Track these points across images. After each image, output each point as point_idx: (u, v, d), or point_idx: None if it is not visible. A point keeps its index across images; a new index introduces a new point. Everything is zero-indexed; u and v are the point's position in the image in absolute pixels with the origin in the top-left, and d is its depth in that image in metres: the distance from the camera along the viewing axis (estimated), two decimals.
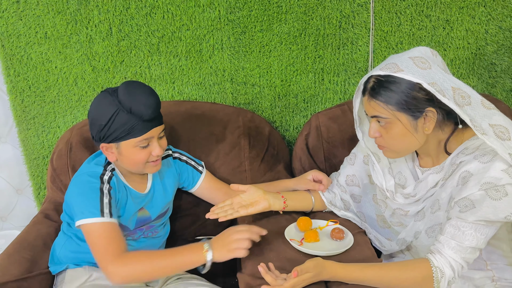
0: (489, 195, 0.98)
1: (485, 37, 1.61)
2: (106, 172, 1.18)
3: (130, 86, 1.13)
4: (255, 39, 1.60)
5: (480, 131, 1.01)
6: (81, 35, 1.57)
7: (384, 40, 1.60)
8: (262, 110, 1.69)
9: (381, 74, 1.04)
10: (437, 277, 1.01)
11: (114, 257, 1.07)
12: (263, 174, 1.54)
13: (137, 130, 1.12)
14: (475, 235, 1.01)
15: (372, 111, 1.08)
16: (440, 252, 1.03)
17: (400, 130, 1.06)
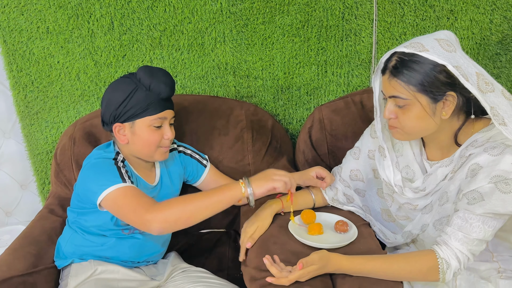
0: (499, 188, 0.97)
1: (490, 27, 1.59)
2: (119, 157, 1.19)
3: (148, 67, 1.19)
4: (258, 31, 1.59)
5: (499, 120, 0.99)
6: (83, 30, 1.56)
7: (387, 31, 1.59)
8: (265, 103, 1.68)
9: (406, 51, 1.02)
10: (443, 269, 1.01)
11: (148, 206, 1.05)
12: (266, 167, 1.53)
13: (154, 107, 1.16)
14: (482, 227, 1.00)
15: (392, 91, 1.05)
16: (447, 243, 1.02)
17: (418, 112, 1.04)
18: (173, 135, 1.23)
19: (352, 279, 1.06)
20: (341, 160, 1.52)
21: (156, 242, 1.29)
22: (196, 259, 1.44)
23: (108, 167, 1.14)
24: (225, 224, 1.59)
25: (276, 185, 1.09)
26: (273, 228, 1.27)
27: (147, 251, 1.28)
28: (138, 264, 1.29)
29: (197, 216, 1.07)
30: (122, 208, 1.08)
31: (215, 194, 1.08)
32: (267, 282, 1.07)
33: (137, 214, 1.06)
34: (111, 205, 1.10)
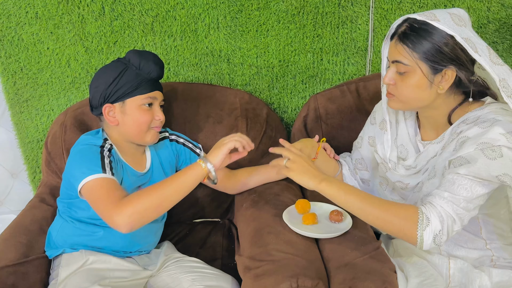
0: (485, 154, 0.98)
1: (487, 15, 1.57)
2: (106, 144, 1.17)
3: (136, 50, 1.21)
4: (252, 17, 1.56)
5: (507, 93, 1.00)
6: (73, 15, 1.53)
7: (384, 18, 1.57)
8: (260, 92, 1.66)
9: (418, 18, 1.04)
10: (422, 224, 0.98)
11: (117, 202, 1.03)
12: (261, 156, 1.52)
13: (144, 86, 1.17)
14: (470, 189, 0.99)
15: (396, 55, 1.06)
16: (431, 202, 1.00)
17: (417, 80, 1.05)
18: (164, 118, 1.23)
19: (347, 269, 1.05)
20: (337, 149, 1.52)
21: (148, 232, 1.28)
22: (190, 249, 1.43)
23: (92, 154, 1.12)
24: (219, 213, 1.58)
25: (229, 146, 1.11)
26: (268, 217, 1.26)
27: (139, 241, 1.26)
28: (130, 254, 1.27)
29: (165, 203, 1.06)
30: (96, 199, 1.06)
31: (179, 177, 1.08)
32: (261, 271, 1.06)
33: (106, 210, 1.03)
34: (88, 194, 1.08)
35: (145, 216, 1.04)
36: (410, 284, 1.07)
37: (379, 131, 1.26)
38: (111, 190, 1.06)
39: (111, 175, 1.09)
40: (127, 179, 1.20)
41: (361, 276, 1.02)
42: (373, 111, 1.33)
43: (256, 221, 1.26)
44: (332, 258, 1.11)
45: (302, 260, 1.08)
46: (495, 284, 1.08)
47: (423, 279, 1.09)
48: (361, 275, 1.02)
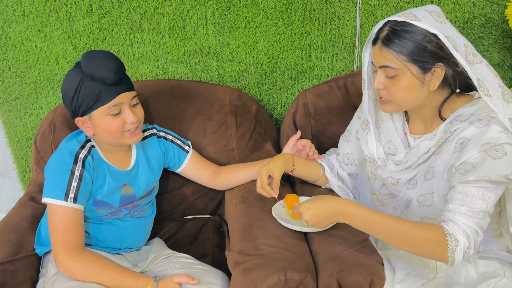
0: (490, 155, 0.98)
1: (473, 10, 1.59)
2: (83, 151, 1.17)
3: (89, 54, 1.12)
4: (240, 14, 1.56)
5: (484, 91, 1.01)
6: (60, 13, 1.52)
7: (371, 14, 1.58)
8: (249, 88, 1.67)
9: (398, 20, 1.03)
10: (452, 246, 0.98)
11: (68, 249, 1.10)
12: (250, 152, 1.53)
13: (104, 96, 1.11)
14: (483, 198, 0.99)
15: (383, 61, 1.05)
16: (452, 220, 1.00)
17: (408, 82, 1.05)
18: (140, 115, 1.19)
19: (334, 262, 1.07)
20: (326, 144, 1.53)
21: (136, 229, 1.29)
22: (180, 245, 1.44)
23: (60, 173, 1.13)
24: (210, 210, 1.58)
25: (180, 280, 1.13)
26: (258, 212, 1.27)
27: (128, 238, 1.27)
28: (120, 251, 1.28)
29: (101, 284, 1.11)
30: (51, 228, 1.13)
31: (126, 278, 1.12)
32: (250, 266, 1.07)
33: (57, 247, 1.11)
34: (48, 215, 1.14)
35: (80, 279, 1.11)
36: (397, 275, 1.08)
37: (362, 131, 1.25)
38: (68, 229, 1.11)
39: (72, 202, 1.12)
40: (109, 179, 1.20)
41: (348, 269, 1.03)
42: (361, 105, 1.32)
43: (245, 216, 1.27)
44: (320, 251, 1.12)
45: (290, 254, 1.09)
46: (481, 275, 1.10)
47: (410, 270, 1.10)
48: (349, 268, 1.04)
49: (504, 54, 1.65)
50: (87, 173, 1.15)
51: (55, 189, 1.12)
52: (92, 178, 1.17)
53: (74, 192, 1.12)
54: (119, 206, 1.23)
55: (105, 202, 1.20)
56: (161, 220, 1.52)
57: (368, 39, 1.10)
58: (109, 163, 1.21)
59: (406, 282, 1.06)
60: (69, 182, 1.12)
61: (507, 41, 1.63)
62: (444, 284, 1.08)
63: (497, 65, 1.66)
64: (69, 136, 1.23)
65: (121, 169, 1.23)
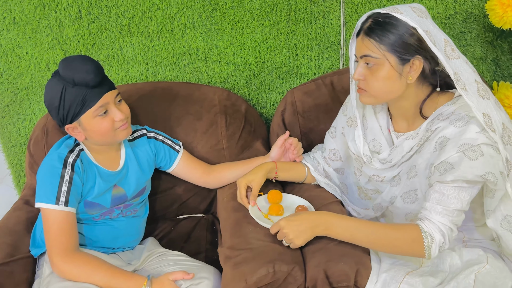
0: (467, 156, 1.01)
1: (454, 5, 1.62)
2: (71, 155, 1.19)
3: (66, 61, 1.14)
4: (227, 16, 1.59)
5: (461, 85, 1.04)
6: (50, 19, 1.55)
7: (355, 12, 1.61)
8: (238, 88, 1.70)
9: (381, 12, 1.08)
10: (428, 243, 1.03)
11: (61, 251, 1.13)
12: (241, 151, 1.55)
13: (90, 99, 1.13)
14: (458, 197, 1.03)
15: (364, 50, 1.08)
16: (428, 218, 1.05)
17: (386, 72, 1.08)
18: (126, 111, 1.22)
19: (321, 253, 1.09)
20: (315, 141, 1.56)
21: (129, 229, 1.31)
22: (174, 244, 1.46)
23: (50, 178, 1.16)
24: (203, 209, 1.61)
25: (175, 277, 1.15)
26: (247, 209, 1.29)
27: (121, 238, 1.29)
28: (114, 251, 1.30)
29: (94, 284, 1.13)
30: (45, 231, 1.16)
31: (120, 278, 1.14)
32: (240, 260, 1.10)
33: (51, 249, 1.14)
34: (42, 217, 1.17)
35: (75, 280, 1.13)
36: (383, 265, 1.11)
37: (348, 128, 1.27)
38: (61, 231, 1.14)
39: (64, 205, 1.14)
40: (99, 181, 1.22)
41: (335, 259, 1.06)
42: (345, 101, 1.35)
43: (236, 213, 1.30)
44: (308, 243, 1.14)
45: (279, 247, 1.12)
46: (465, 263, 1.13)
47: (396, 260, 1.13)
48: (335, 258, 1.06)
49: (486, 47, 1.69)
50: (76, 176, 1.17)
51: (46, 193, 1.14)
52: (82, 181, 1.19)
53: (65, 196, 1.15)
54: (111, 206, 1.26)
55: (96, 203, 1.23)
56: (155, 220, 1.55)
57: (354, 32, 1.14)
58: (98, 165, 1.24)
59: (392, 271, 1.08)
60: (59, 186, 1.15)
61: (489, 35, 1.67)
62: (429, 272, 1.11)
63: (480, 59, 1.70)
64: (58, 142, 1.25)
65: (111, 170, 1.25)
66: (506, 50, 1.68)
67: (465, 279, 1.07)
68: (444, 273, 1.11)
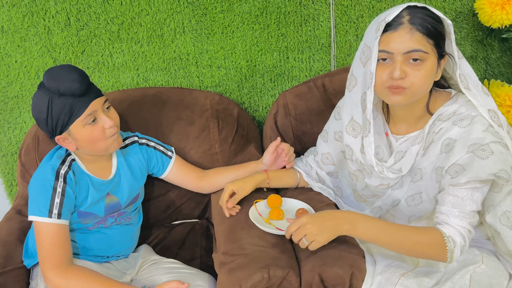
0: (477, 155, 1.00)
1: (443, 5, 1.63)
2: (63, 166, 1.18)
3: (50, 71, 1.13)
4: (217, 20, 1.59)
5: (464, 85, 1.05)
6: (39, 27, 1.54)
7: (345, 14, 1.62)
8: (230, 92, 1.69)
9: (418, 5, 1.03)
10: (451, 247, 1.02)
11: (55, 265, 1.12)
12: (234, 155, 1.55)
13: (77, 108, 1.12)
14: (472, 198, 1.03)
15: (414, 44, 1.00)
16: (447, 222, 1.04)
17: (430, 68, 1.02)
18: (115, 117, 1.20)
19: (316, 257, 1.09)
20: (307, 143, 1.56)
21: (124, 237, 1.30)
22: (168, 250, 1.45)
23: (43, 191, 1.14)
24: (197, 214, 1.60)
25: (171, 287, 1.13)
26: (242, 214, 1.29)
27: (115, 246, 1.28)
28: (108, 259, 1.29)
29: None
30: (38, 245, 1.14)
31: None
32: (234, 265, 1.10)
33: (44, 264, 1.12)
34: (35, 232, 1.15)
35: None
36: (378, 267, 1.11)
37: (352, 138, 1.17)
38: (54, 245, 1.13)
39: (57, 218, 1.13)
40: (92, 190, 1.22)
41: (330, 262, 1.06)
42: (337, 106, 1.32)
43: (230, 218, 1.29)
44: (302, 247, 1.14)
45: (273, 252, 1.11)
46: (461, 262, 1.13)
47: (391, 261, 1.13)
48: (330, 261, 1.06)
49: (476, 46, 1.69)
50: (69, 188, 1.16)
51: (39, 206, 1.13)
52: (75, 193, 1.18)
53: (58, 208, 1.14)
54: (105, 215, 1.25)
55: (89, 212, 1.22)
56: (149, 226, 1.54)
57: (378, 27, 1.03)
58: (90, 174, 1.23)
59: (386, 273, 1.08)
60: (51, 198, 1.14)
61: (479, 33, 1.68)
62: (424, 273, 1.11)
63: (471, 58, 1.71)
64: (49, 153, 1.24)
65: (103, 178, 1.25)
66: (496, 48, 1.69)
67: (460, 279, 1.07)
68: (440, 273, 1.11)
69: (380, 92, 1.08)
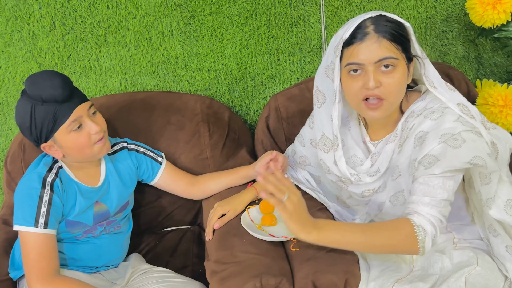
0: (449, 145, 0.99)
1: (434, 5, 1.62)
2: (50, 174, 1.15)
3: (32, 78, 1.10)
4: (206, 22, 1.57)
5: (430, 83, 1.06)
6: (23, 32, 1.51)
7: (335, 15, 1.60)
8: (221, 96, 1.67)
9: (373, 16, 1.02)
10: (421, 237, 0.98)
11: (41, 276, 1.08)
12: (225, 160, 1.53)
13: (61, 115, 1.09)
14: (444, 187, 1.00)
15: (384, 52, 1.00)
16: (416, 211, 1.01)
17: (402, 73, 1.02)
18: (102, 123, 1.17)
19: (309, 264, 1.07)
20: None
21: (113, 246, 1.27)
22: (160, 258, 1.43)
23: (29, 200, 1.11)
24: (188, 220, 1.58)
25: None
26: (233, 220, 1.26)
27: (104, 256, 1.25)
28: (97, 270, 1.26)
29: None
30: (24, 255, 1.11)
31: None
32: (226, 274, 1.07)
33: (30, 275, 1.09)
34: (21, 243, 1.12)
35: None
36: (372, 273, 1.09)
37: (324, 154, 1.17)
38: (41, 255, 1.09)
39: (43, 227, 1.10)
40: (80, 198, 1.19)
41: (323, 269, 1.04)
42: (311, 115, 1.30)
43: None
44: (296, 254, 1.12)
45: (266, 259, 1.09)
46: (456, 265, 1.11)
47: (385, 267, 1.11)
48: (324, 268, 1.04)
49: (468, 46, 1.69)
50: (56, 196, 1.13)
51: (25, 216, 1.10)
52: (62, 201, 1.15)
53: (45, 217, 1.10)
54: (93, 224, 1.22)
55: (77, 221, 1.19)
56: (140, 234, 1.51)
57: (340, 41, 1.03)
58: (78, 182, 1.20)
59: (380, 279, 1.06)
60: (38, 207, 1.10)
61: (470, 33, 1.67)
62: (420, 277, 1.09)
63: (463, 58, 1.70)
64: (36, 160, 1.21)
65: (91, 186, 1.22)
66: (488, 48, 1.68)
67: (455, 282, 1.05)
68: (435, 276, 1.10)
69: (356, 107, 1.08)
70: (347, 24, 1.06)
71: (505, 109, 1.46)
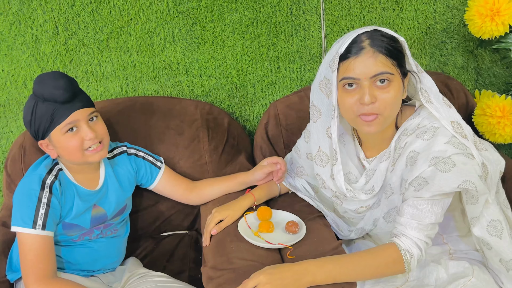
0: (439, 169, 0.99)
1: (434, 16, 1.63)
2: (50, 176, 1.16)
3: (39, 77, 1.14)
4: (207, 29, 1.58)
5: (426, 98, 1.06)
6: (26, 36, 1.52)
7: (335, 24, 1.61)
8: (221, 102, 1.68)
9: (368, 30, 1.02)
10: (407, 259, 1.01)
11: (39, 278, 1.09)
12: (224, 165, 1.53)
13: (58, 115, 1.12)
14: (432, 211, 1.02)
15: (379, 67, 1.00)
16: (404, 234, 1.03)
17: (397, 88, 1.02)
18: (100, 130, 1.18)
19: None
20: None
21: (110, 250, 1.28)
22: (157, 263, 1.43)
23: (27, 201, 1.12)
24: (186, 225, 1.58)
25: None
26: (231, 226, 1.27)
27: (101, 259, 1.26)
28: (94, 273, 1.26)
29: None
30: (21, 257, 1.12)
31: None
32: (222, 280, 1.07)
33: (27, 276, 1.09)
34: (18, 244, 1.13)
35: None
36: (367, 282, 1.09)
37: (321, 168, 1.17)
38: (38, 257, 1.10)
39: (41, 229, 1.11)
40: (78, 201, 1.19)
41: None
42: (306, 129, 1.31)
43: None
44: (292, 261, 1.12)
45: (262, 266, 1.08)
46: (451, 276, 1.12)
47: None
48: None
49: (467, 57, 1.70)
50: (55, 198, 1.14)
51: (23, 217, 1.11)
52: (60, 203, 1.16)
53: (43, 219, 1.11)
54: (90, 227, 1.23)
55: (74, 224, 1.19)
56: (137, 238, 1.51)
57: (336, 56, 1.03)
58: (77, 184, 1.21)
59: None
60: (36, 209, 1.11)
61: (469, 44, 1.68)
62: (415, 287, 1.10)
63: (462, 68, 1.71)
64: (36, 161, 1.22)
65: (90, 189, 1.22)
66: (486, 59, 1.70)
67: None
68: (430, 287, 1.10)
69: (352, 121, 1.08)
70: (342, 38, 1.06)
71: (503, 120, 1.47)
